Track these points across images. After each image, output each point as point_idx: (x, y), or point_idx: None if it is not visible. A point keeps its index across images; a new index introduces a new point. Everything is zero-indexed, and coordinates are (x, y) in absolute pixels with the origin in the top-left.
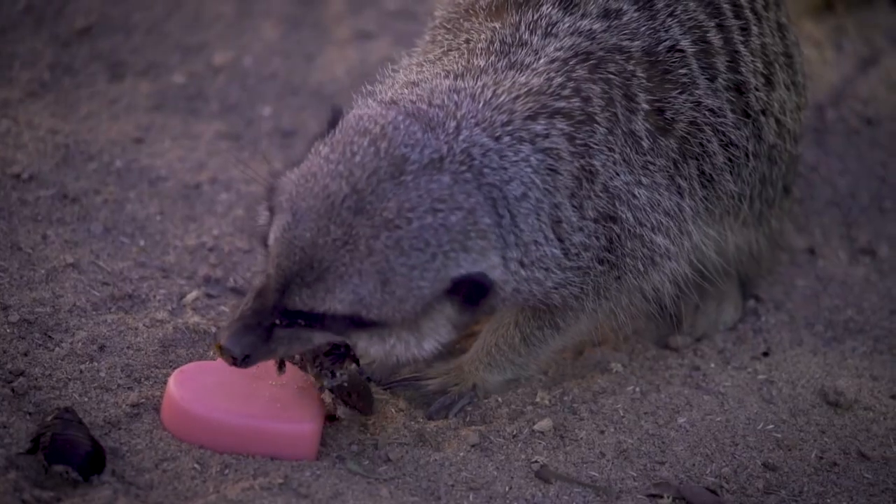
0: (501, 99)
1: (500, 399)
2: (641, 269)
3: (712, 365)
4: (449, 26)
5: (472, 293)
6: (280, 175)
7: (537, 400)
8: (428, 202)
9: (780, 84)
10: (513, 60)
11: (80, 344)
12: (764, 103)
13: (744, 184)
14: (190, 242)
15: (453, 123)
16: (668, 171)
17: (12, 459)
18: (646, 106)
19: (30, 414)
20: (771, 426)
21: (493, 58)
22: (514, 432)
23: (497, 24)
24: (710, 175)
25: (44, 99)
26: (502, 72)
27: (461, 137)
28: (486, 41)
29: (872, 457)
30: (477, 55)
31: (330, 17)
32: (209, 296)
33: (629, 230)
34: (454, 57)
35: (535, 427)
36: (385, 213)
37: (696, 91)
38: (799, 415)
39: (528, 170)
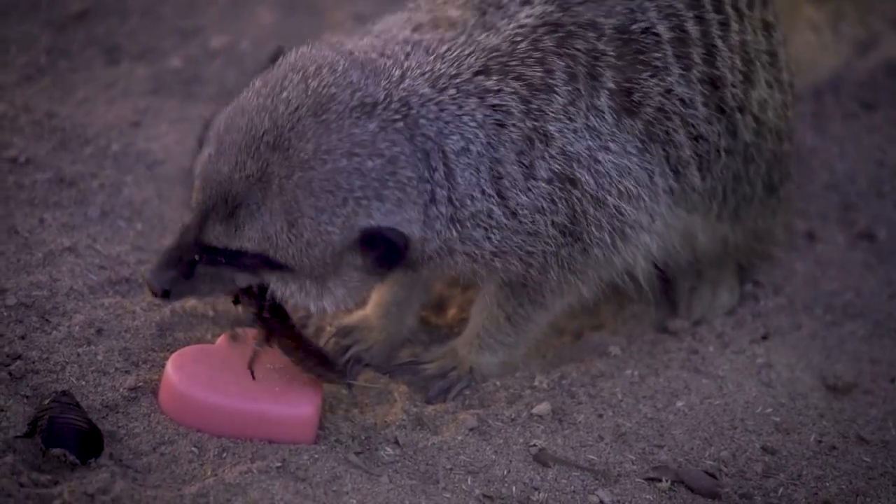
0: (455, 53)
1: (498, 383)
2: (609, 241)
3: (711, 349)
4: None
5: (385, 251)
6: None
7: (536, 383)
8: (347, 145)
9: (760, 82)
10: (485, 20)
11: (77, 327)
12: (741, 100)
13: (714, 180)
14: None
15: (398, 72)
16: (637, 144)
17: (10, 443)
18: (611, 85)
19: (27, 397)
20: (770, 410)
21: (467, 13)
22: (513, 416)
23: None
24: (676, 167)
25: (40, 83)
26: (470, 30)
27: (402, 86)
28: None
29: (871, 440)
30: (450, 7)
31: (326, 0)
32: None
33: (590, 195)
34: (424, 9)
35: (534, 411)
36: (301, 153)
37: (668, 78)
38: (798, 398)
39: (473, 124)
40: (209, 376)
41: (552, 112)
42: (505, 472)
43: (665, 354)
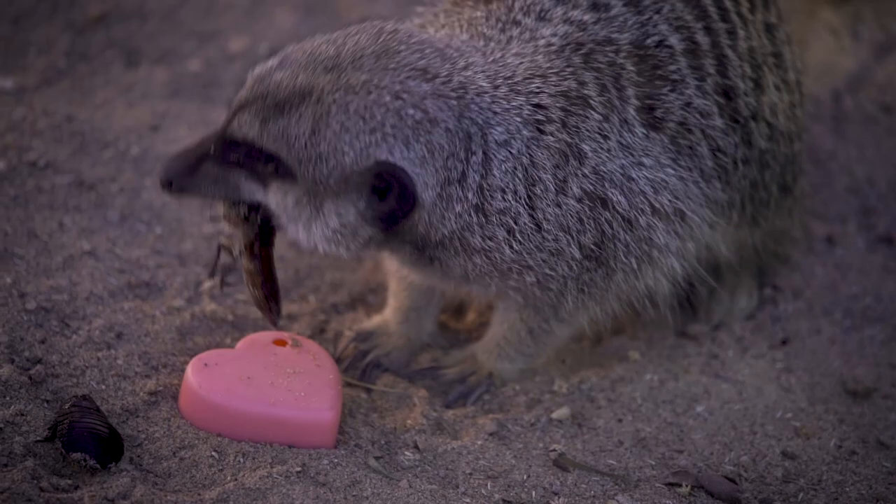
0: (508, 61)
1: (517, 387)
2: (634, 266)
3: (730, 353)
4: (449, 9)
5: (390, 203)
6: None
7: (555, 388)
8: (397, 88)
9: (769, 87)
10: (510, 35)
11: (97, 332)
12: (753, 108)
13: (733, 191)
14: (207, 230)
15: (462, 63)
16: (670, 155)
17: (30, 447)
18: (635, 101)
19: (47, 402)
20: (790, 415)
21: (492, 31)
22: (532, 420)
23: (491, 7)
24: (701, 183)
25: (59, 86)
26: (505, 43)
27: (464, 73)
28: (483, 17)
29: (891, 445)
30: (481, 26)
31: (344, 3)
32: (226, 283)
33: (622, 215)
34: (465, 25)
35: (553, 415)
36: (352, 79)
37: (686, 90)
38: (817, 403)
39: (518, 119)
40: (229, 381)
41: (587, 130)
42: (524, 477)
43: (685, 359)
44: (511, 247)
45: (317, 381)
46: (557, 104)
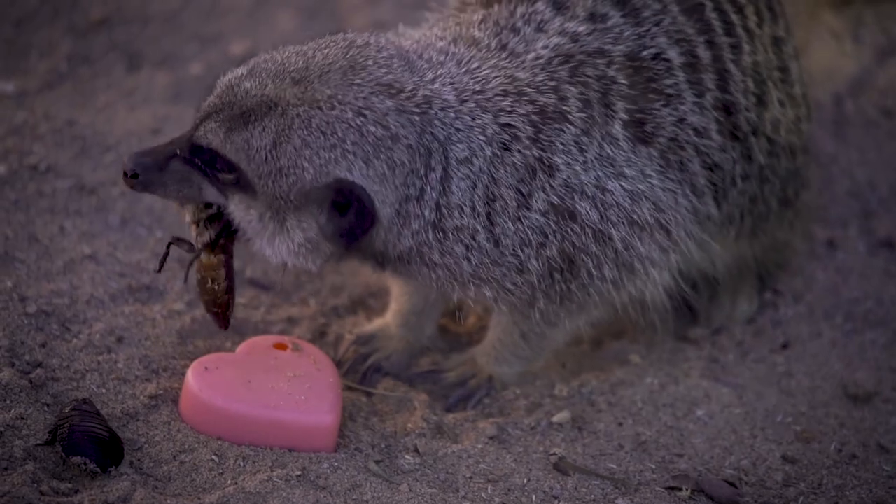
0: (484, 73)
1: (518, 391)
2: (611, 276)
3: (731, 357)
4: (454, 13)
5: (349, 219)
6: None
7: (555, 392)
8: (359, 105)
9: (773, 102)
10: (503, 43)
11: (97, 335)
12: (754, 123)
13: (731, 206)
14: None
15: (430, 75)
16: (656, 168)
17: (30, 451)
18: (624, 115)
19: (48, 405)
20: (790, 419)
21: (486, 34)
22: (533, 424)
23: (492, 10)
24: (691, 197)
25: (61, 89)
26: (493, 50)
27: (431, 87)
28: (479, 19)
29: (892, 449)
30: (473, 28)
31: (346, 7)
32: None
33: (592, 228)
34: (452, 27)
35: (554, 419)
36: (317, 94)
37: (682, 106)
38: (818, 407)
39: (482, 138)
40: (229, 385)
41: (561, 143)
42: (525, 481)
43: (685, 363)
44: (469, 262)
45: (317, 384)
46: (528, 121)
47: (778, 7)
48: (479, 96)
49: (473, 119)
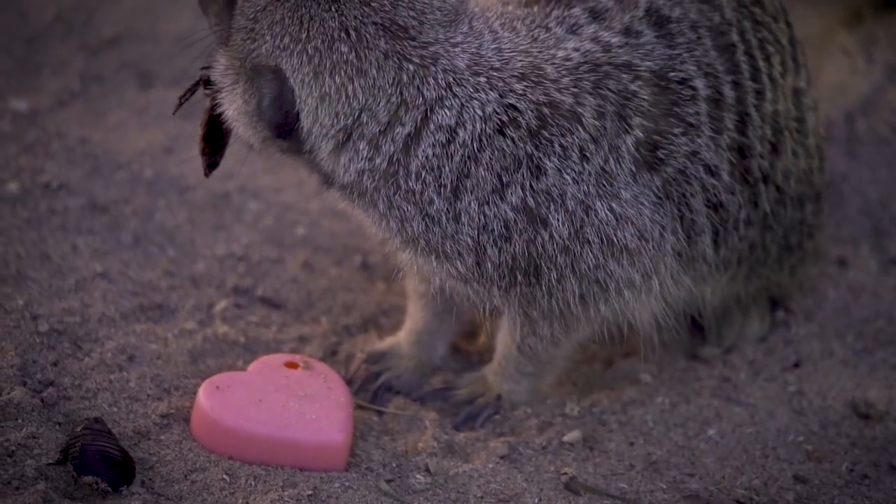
0: (508, 54)
1: (529, 410)
2: (577, 291)
3: (742, 376)
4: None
5: (278, 108)
6: None
7: (566, 411)
8: (351, 24)
9: (787, 152)
10: (535, 36)
11: (109, 354)
12: (766, 171)
13: (729, 251)
14: (219, 252)
15: (459, 39)
16: (652, 198)
17: (42, 470)
18: (639, 133)
19: (59, 424)
20: (801, 438)
21: (524, 26)
22: (544, 443)
23: (531, 9)
24: (689, 232)
25: (73, 108)
26: (525, 38)
27: (449, 49)
28: (521, 15)
29: None
30: (514, 21)
31: None
32: (238, 306)
33: (559, 241)
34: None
35: (565, 438)
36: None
37: (698, 139)
38: (830, 426)
39: (478, 112)
40: (240, 404)
41: (562, 145)
42: (536, 501)
43: (696, 382)
44: (419, 224)
45: (328, 403)
46: (537, 112)
47: (802, 58)
48: (495, 73)
49: (476, 91)
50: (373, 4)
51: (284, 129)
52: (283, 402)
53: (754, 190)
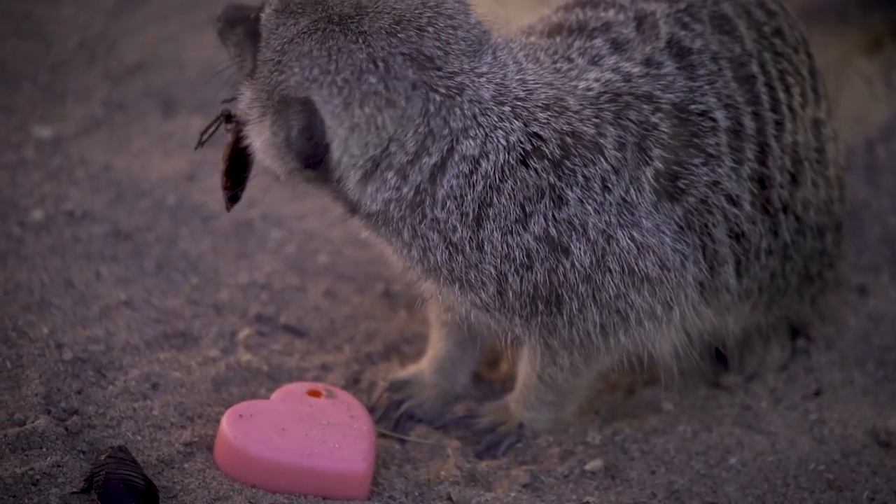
0: (532, 86)
1: (551, 438)
2: (598, 321)
3: (764, 404)
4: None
5: (308, 139)
6: None
7: (588, 439)
8: (379, 55)
9: (806, 182)
10: (557, 67)
11: (133, 382)
12: (786, 201)
13: (752, 280)
14: (242, 280)
15: (485, 69)
16: (674, 227)
17: (66, 499)
18: (659, 165)
19: (83, 453)
20: (822, 467)
21: (547, 57)
22: (566, 472)
23: (554, 40)
24: (712, 262)
25: (97, 135)
26: (548, 70)
27: (474, 79)
28: (545, 46)
29: None
30: (538, 52)
31: None
32: (261, 333)
33: (581, 271)
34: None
35: (587, 467)
36: (355, 25)
37: (719, 169)
38: (850, 455)
39: (502, 142)
40: (264, 432)
41: (584, 176)
42: None
43: (718, 410)
44: (442, 253)
45: (351, 432)
46: (560, 142)
47: (822, 89)
48: (519, 103)
49: (500, 121)
50: (399, 35)
51: (313, 159)
52: (306, 430)
53: (774, 220)
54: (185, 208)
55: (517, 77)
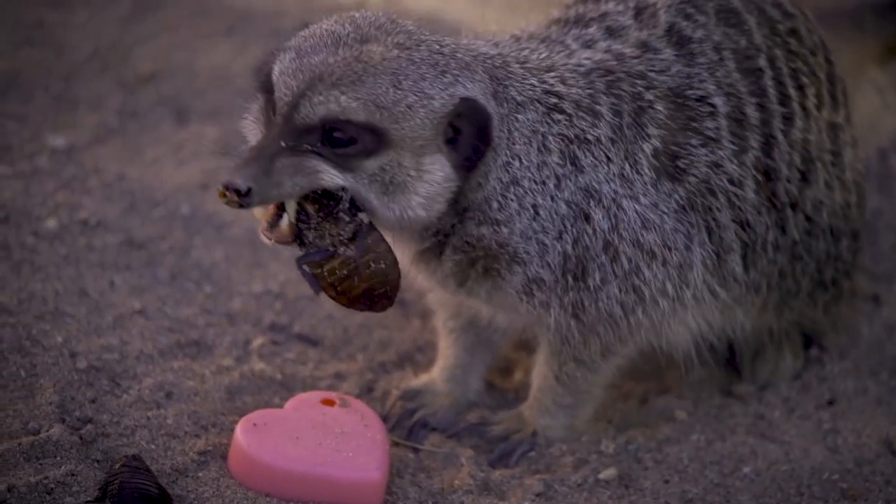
0: (528, 55)
1: (564, 447)
2: (618, 296)
3: (777, 413)
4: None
5: (472, 131)
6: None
7: (602, 448)
8: (437, 46)
9: (818, 182)
10: (551, 49)
11: (147, 391)
12: (794, 197)
13: (758, 274)
14: (255, 289)
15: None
16: (674, 206)
17: None
18: (657, 143)
19: (98, 461)
20: (836, 476)
21: (538, 44)
22: (579, 481)
23: (550, 30)
24: (718, 249)
25: (110, 144)
26: (542, 53)
27: (497, 56)
28: (538, 35)
29: None
30: (529, 37)
31: None
32: (275, 342)
33: (602, 237)
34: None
35: (600, 476)
36: (398, 38)
37: (719, 151)
38: (864, 464)
39: (531, 93)
40: (278, 441)
41: (588, 139)
42: None
43: (731, 419)
44: (516, 224)
45: (364, 441)
46: (569, 100)
47: (841, 97)
48: (525, 65)
49: (525, 79)
50: (422, 36)
51: (479, 152)
52: (320, 439)
53: (782, 214)
54: (199, 217)
55: (519, 53)
